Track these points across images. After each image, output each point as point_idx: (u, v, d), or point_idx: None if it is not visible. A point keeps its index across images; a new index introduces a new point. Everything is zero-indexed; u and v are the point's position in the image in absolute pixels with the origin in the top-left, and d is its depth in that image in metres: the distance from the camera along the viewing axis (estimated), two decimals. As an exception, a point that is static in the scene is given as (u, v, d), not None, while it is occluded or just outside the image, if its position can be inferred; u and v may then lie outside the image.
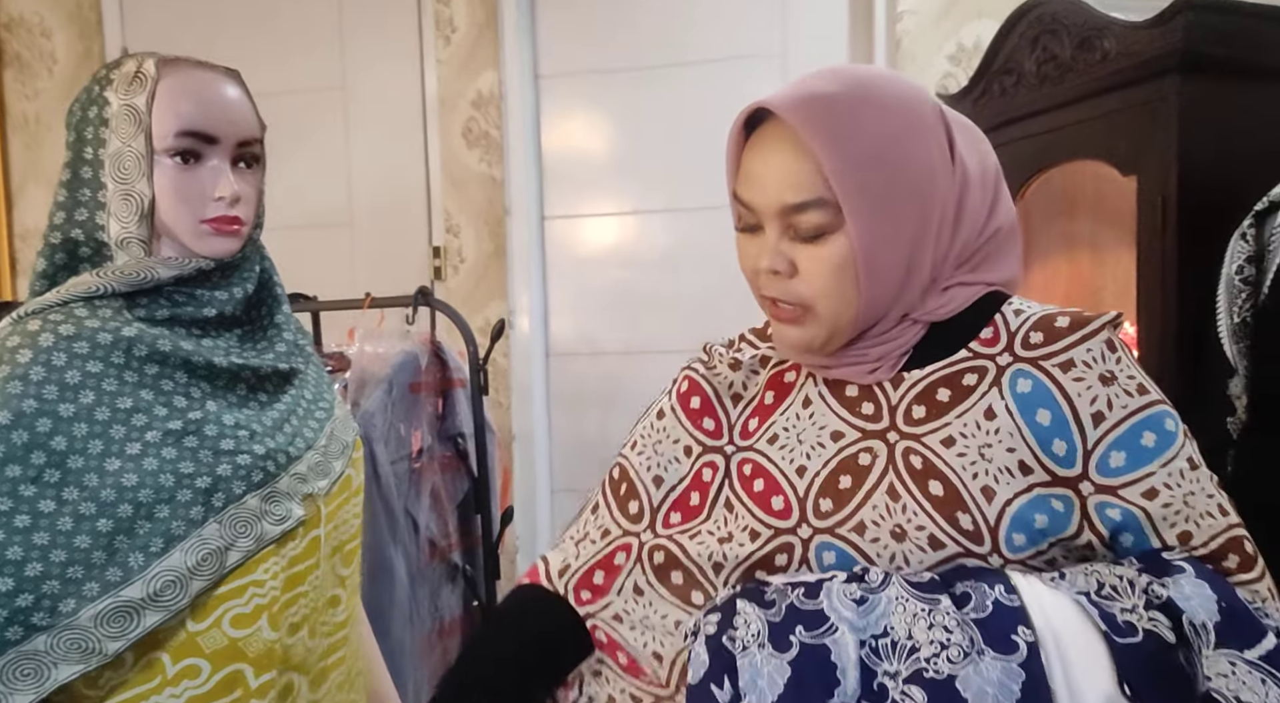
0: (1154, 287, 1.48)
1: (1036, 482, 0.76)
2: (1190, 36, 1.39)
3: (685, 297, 2.54)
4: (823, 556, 0.79)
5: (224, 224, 0.99)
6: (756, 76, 2.42)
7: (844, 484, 0.81)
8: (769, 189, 0.80)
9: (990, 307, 0.84)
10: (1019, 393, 0.78)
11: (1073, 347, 0.78)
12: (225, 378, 1.00)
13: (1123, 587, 0.70)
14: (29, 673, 0.83)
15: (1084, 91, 1.61)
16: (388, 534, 1.47)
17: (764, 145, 0.81)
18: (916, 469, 0.78)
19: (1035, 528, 0.75)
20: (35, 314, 0.92)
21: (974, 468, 0.77)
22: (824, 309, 0.80)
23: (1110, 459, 0.75)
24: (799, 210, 0.78)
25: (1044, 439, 0.76)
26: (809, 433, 0.85)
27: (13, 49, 2.81)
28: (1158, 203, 1.46)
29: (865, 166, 0.76)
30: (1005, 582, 0.71)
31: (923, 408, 0.81)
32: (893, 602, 0.71)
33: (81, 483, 0.88)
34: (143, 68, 0.97)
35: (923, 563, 0.76)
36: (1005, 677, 0.66)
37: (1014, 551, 0.75)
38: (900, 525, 0.77)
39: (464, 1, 2.52)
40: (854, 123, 0.77)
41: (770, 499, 0.84)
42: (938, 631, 0.69)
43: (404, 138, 2.62)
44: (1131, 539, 0.74)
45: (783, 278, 0.81)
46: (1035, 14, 1.70)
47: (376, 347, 1.58)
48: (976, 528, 0.75)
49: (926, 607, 0.70)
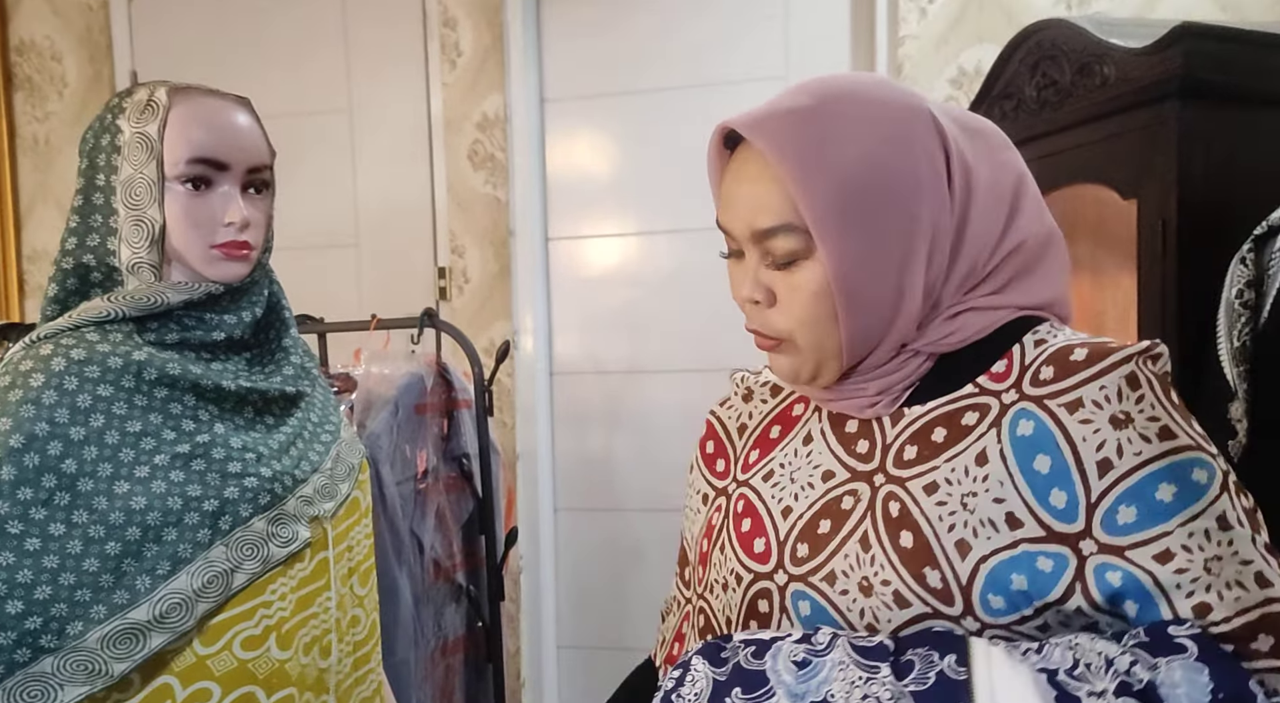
0: (1154, 310, 1.49)
1: (1025, 537, 0.67)
2: (1190, 63, 1.40)
3: (689, 317, 2.55)
4: (798, 605, 0.74)
5: (234, 249, 1.00)
6: (759, 99, 2.43)
7: (822, 529, 0.75)
8: (741, 214, 0.76)
9: (1013, 335, 0.75)
10: (1018, 436, 0.70)
11: (1084, 384, 0.68)
12: (233, 401, 1.01)
13: (1097, 666, 0.62)
14: (36, 694, 0.84)
15: (1084, 116, 1.62)
16: (393, 555, 1.48)
17: (737, 167, 0.77)
18: (891, 517, 0.72)
19: (1013, 590, 0.67)
20: (48, 338, 0.94)
21: (952, 518, 0.69)
22: (803, 340, 0.75)
23: (1118, 515, 0.65)
24: (768, 236, 0.74)
25: (1040, 489, 0.68)
26: (802, 472, 0.80)
27: (24, 72, 2.84)
28: (1158, 226, 1.47)
29: (835, 186, 0.70)
30: (959, 652, 0.64)
31: (915, 448, 0.74)
32: (835, 667, 0.66)
33: (91, 506, 0.89)
34: (155, 96, 0.99)
35: (890, 622, 0.69)
36: None
37: (992, 614, 0.67)
38: (867, 578, 0.71)
39: (470, 25, 2.54)
40: (822, 139, 0.71)
41: (753, 542, 0.79)
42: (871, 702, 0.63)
43: (410, 160, 2.64)
44: (1136, 608, 0.65)
45: (762, 308, 0.77)
46: (1035, 40, 1.72)
47: (382, 368, 1.59)
48: (946, 586, 0.68)
49: (865, 675, 0.65)
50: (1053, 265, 0.78)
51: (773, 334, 0.77)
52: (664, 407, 2.57)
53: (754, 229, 0.75)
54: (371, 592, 1.16)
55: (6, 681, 0.83)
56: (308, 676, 1.01)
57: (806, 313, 0.74)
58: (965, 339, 0.75)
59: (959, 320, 0.75)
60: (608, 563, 2.64)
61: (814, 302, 0.73)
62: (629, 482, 2.62)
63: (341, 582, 1.07)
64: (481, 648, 1.75)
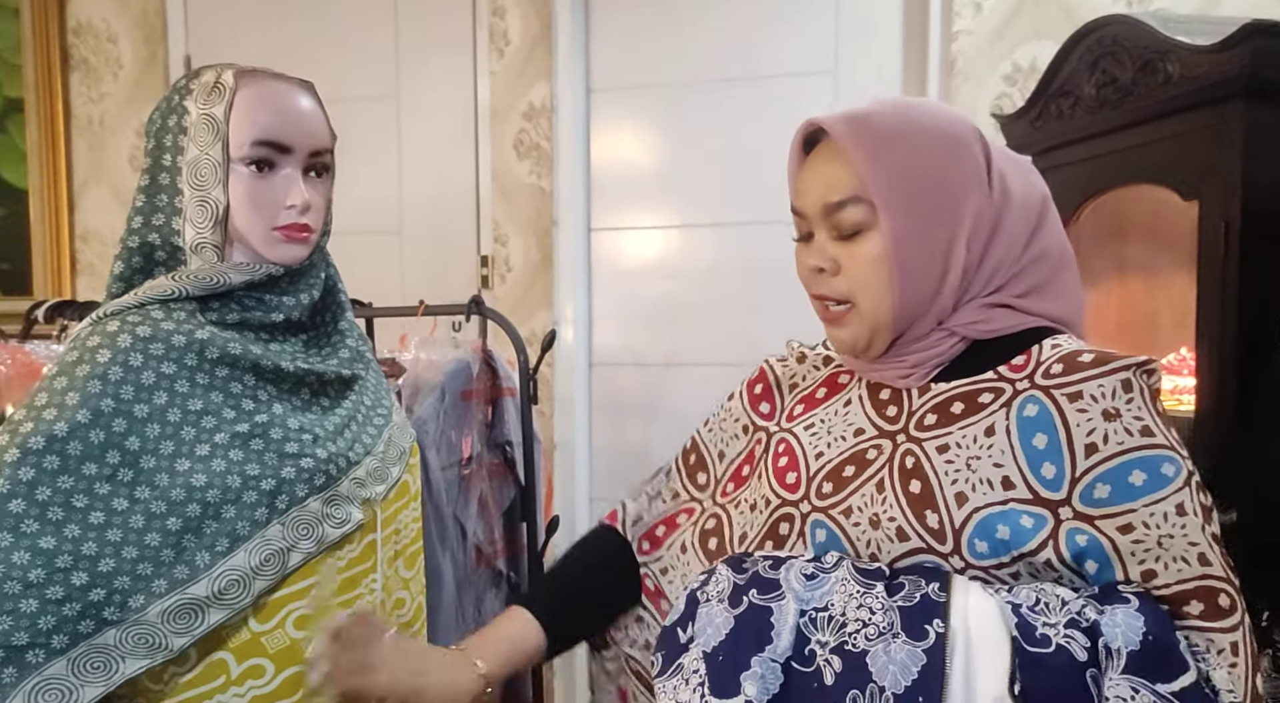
0: (1214, 312, 1.46)
1: (1015, 498, 0.80)
2: (1257, 61, 1.37)
3: (728, 310, 2.54)
4: (815, 532, 0.88)
5: (294, 231, 1.01)
6: (808, 93, 2.42)
7: (846, 473, 0.89)
8: (814, 193, 0.89)
9: (1035, 338, 0.88)
10: (1024, 416, 0.83)
11: (1086, 380, 0.82)
12: (291, 382, 1.02)
13: (1055, 604, 0.75)
14: (99, 666, 0.86)
15: (1145, 115, 1.59)
16: (437, 540, 1.49)
17: (814, 160, 0.91)
18: (906, 468, 0.85)
19: (997, 538, 0.79)
20: (114, 316, 0.95)
21: (955, 475, 0.83)
22: (864, 303, 0.87)
23: (1095, 490, 0.78)
24: (838, 208, 0.86)
25: (1035, 461, 0.81)
26: (838, 427, 0.94)
27: (80, 54, 2.88)
28: (1220, 228, 1.44)
29: (898, 168, 0.85)
30: (941, 581, 0.77)
31: (935, 417, 0.87)
32: (837, 582, 0.79)
33: (153, 482, 0.90)
34: (221, 78, 1.00)
35: (890, 553, 0.82)
36: (909, 659, 0.73)
37: (976, 556, 0.80)
38: (877, 514, 0.84)
39: (519, 15, 2.55)
40: (889, 135, 0.86)
41: (786, 474, 0.94)
42: (864, 611, 0.76)
43: (455, 147, 2.65)
44: (1096, 567, 0.78)
45: (827, 275, 0.89)
46: (1096, 36, 1.68)
47: (430, 354, 1.59)
48: (941, 528, 0.81)
49: (862, 590, 0.78)
50: (1069, 282, 0.92)
51: (836, 296, 0.89)
52: (701, 400, 2.54)
53: (826, 202, 0.87)
54: (418, 575, 1.17)
55: (71, 651, 0.84)
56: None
57: (868, 277, 0.86)
58: (994, 331, 0.88)
59: (993, 313, 0.88)
60: (642, 554, 2.64)
61: (873, 268, 0.86)
62: (666, 474, 2.61)
63: (388, 565, 1.08)
64: (520, 635, 1.76)
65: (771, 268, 2.49)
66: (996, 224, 0.87)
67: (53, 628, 0.83)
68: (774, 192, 2.46)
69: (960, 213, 0.85)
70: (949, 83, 2.21)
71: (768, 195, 2.47)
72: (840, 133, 0.86)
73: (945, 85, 2.23)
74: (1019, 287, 0.88)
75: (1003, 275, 0.88)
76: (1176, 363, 1.76)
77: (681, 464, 1.11)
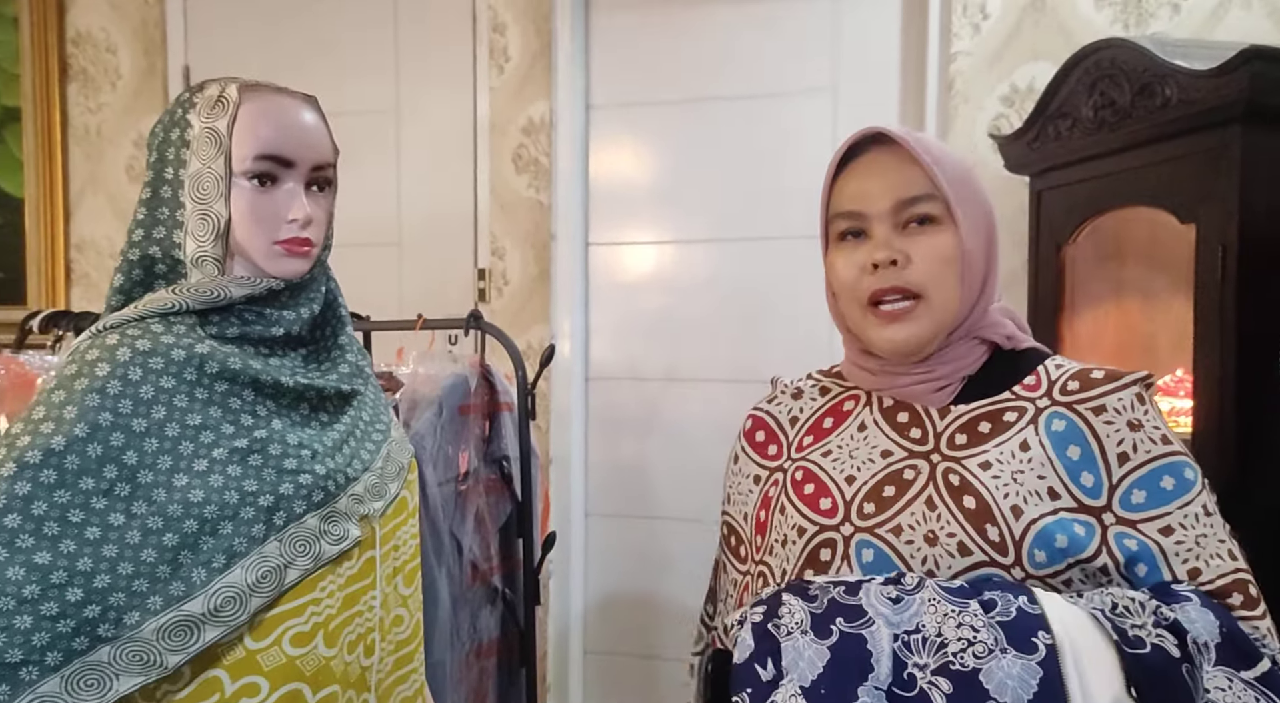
0: (1212, 335, 1.47)
1: (1063, 507, 0.85)
2: (1255, 86, 1.39)
3: (725, 325, 2.54)
4: (862, 552, 0.88)
5: (295, 246, 1.00)
6: (807, 112, 2.43)
7: (887, 493, 0.90)
8: (882, 192, 0.92)
9: (1036, 361, 0.95)
10: (1053, 431, 0.88)
11: (1106, 395, 0.88)
12: (290, 397, 1.01)
13: (1134, 607, 0.78)
14: (93, 683, 0.85)
15: (1143, 138, 1.60)
16: (433, 555, 1.48)
17: (868, 165, 0.95)
18: (954, 485, 0.88)
19: (1056, 547, 0.83)
20: (114, 329, 0.94)
21: (1006, 489, 0.86)
22: (935, 296, 0.91)
23: (1132, 496, 0.84)
24: (913, 203, 0.91)
25: (1073, 471, 0.86)
26: (861, 451, 0.95)
27: (79, 63, 2.88)
28: (1218, 252, 1.45)
29: (954, 176, 0.92)
30: (1029, 594, 0.79)
31: (965, 436, 0.91)
32: (925, 603, 0.79)
33: (150, 497, 0.89)
34: (225, 92, 0.99)
35: (951, 568, 0.84)
36: (1025, 673, 0.73)
37: (1035, 566, 0.83)
38: (934, 531, 0.86)
39: (519, 31, 2.55)
40: (940, 153, 0.93)
41: (819, 500, 0.94)
42: (965, 629, 0.76)
43: (454, 161, 2.65)
44: (1145, 570, 0.83)
45: (896, 269, 0.91)
46: (1094, 59, 1.70)
47: (428, 368, 1.59)
48: (1003, 540, 0.84)
49: (956, 608, 0.78)
50: None
51: (909, 287, 0.91)
52: (697, 415, 2.57)
53: (902, 197, 0.92)
54: (416, 592, 1.16)
55: (64, 669, 0.83)
56: (351, 673, 1.01)
57: (941, 270, 0.91)
58: (1011, 337, 0.94)
59: (1005, 321, 0.95)
60: (636, 570, 2.63)
61: (946, 263, 0.91)
62: (660, 489, 2.61)
63: (386, 581, 1.08)
64: (515, 652, 1.75)
65: (768, 283, 2.50)
66: (995, 236, 0.95)
67: (47, 645, 0.82)
68: (771, 208, 2.48)
69: (991, 221, 0.94)
70: (947, 103, 2.22)
71: (765, 212, 2.48)
72: (906, 139, 0.92)
73: (943, 105, 2.24)
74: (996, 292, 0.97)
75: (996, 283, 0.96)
76: (1173, 384, 1.76)
77: (728, 553, 1.09)
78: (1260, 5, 2.02)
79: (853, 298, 0.94)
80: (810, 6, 2.42)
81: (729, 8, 2.48)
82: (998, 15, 2.18)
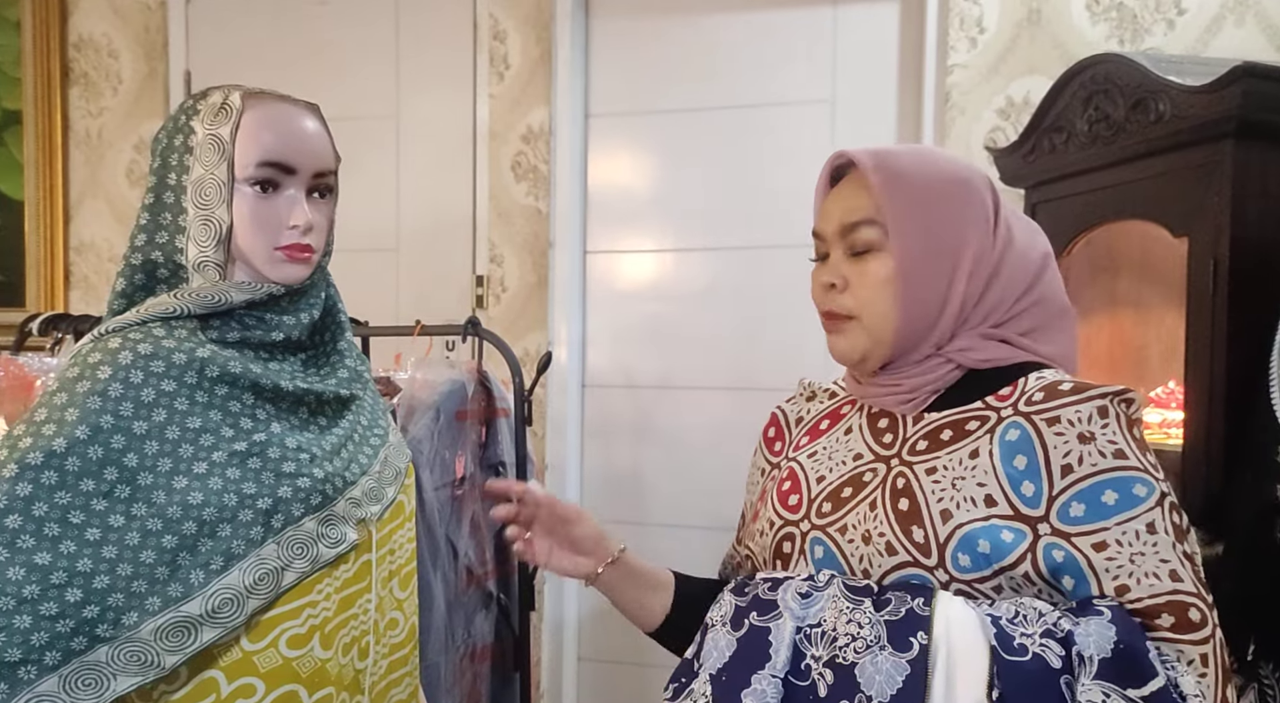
0: (1203, 349, 1.48)
1: (997, 514, 0.86)
2: (1247, 102, 1.40)
3: (721, 334, 2.55)
4: (814, 549, 0.94)
5: (296, 252, 1.01)
6: (805, 123, 2.45)
7: (845, 494, 0.95)
8: (833, 216, 0.97)
9: (1023, 371, 0.94)
10: (1006, 440, 0.89)
11: (1063, 406, 0.87)
12: (289, 401, 1.02)
13: (1032, 616, 0.80)
14: (90, 683, 0.85)
15: (1136, 152, 1.61)
16: (428, 560, 1.48)
17: (839, 188, 0.99)
18: (897, 489, 0.91)
19: (979, 551, 0.84)
20: (116, 332, 0.95)
21: (941, 494, 0.88)
22: (866, 319, 0.94)
23: (1071, 508, 0.84)
24: (854, 229, 0.94)
25: (1015, 480, 0.86)
26: (839, 453, 1.00)
27: (80, 68, 2.90)
28: (1209, 265, 1.46)
29: (911, 201, 0.92)
30: (926, 596, 0.82)
31: (926, 443, 0.93)
32: (829, 600, 0.84)
33: (150, 499, 0.90)
34: (229, 99, 1.00)
35: (880, 567, 0.88)
36: (894, 669, 0.78)
37: (960, 570, 0.85)
38: (869, 531, 0.90)
39: (519, 39, 2.57)
40: (907, 169, 0.93)
41: (789, 497, 1.00)
42: (853, 625, 0.81)
43: (453, 168, 2.67)
44: (1073, 583, 0.83)
45: (836, 291, 0.95)
46: (1089, 73, 1.71)
47: (426, 374, 1.60)
48: (927, 542, 0.87)
49: (851, 605, 0.83)
50: (1067, 331, 0.99)
51: (842, 312, 0.95)
52: (693, 423, 2.57)
53: (844, 223, 0.95)
54: (411, 596, 1.17)
55: (63, 668, 0.84)
56: (345, 676, 1.02)
57: (874, 294, 0.93)
58: (986, 360, 0.94)
59: (988, 344, 0.94)
60: (631, 578, 2.63)
61: (881, 287, 0.93)
62: (656, 497, 2.62)
63: (382, 585, 1.08)
64: (509, 657, 1.75)
65: (765, 292, 2.51)
66: (998, 265, 0.93)
67: (45, 644, 0.83)
68: (768, 217, 2.49)
69: (963, 248, 0.92)
70: (944, 115, 2.24)
71: (761, 221, 2.49)
72: (863, 160, 0.94)
73: (940, 117, 2.26)
74: (1018, 326, 0.95)
75: (1001, 313, 0.94)
76: (1165, 396, 1.77)
77: (740, 530, 1.15)
78: (1253, 22, 2.04)
79: (820, 312, 0.99)
80: (809, 17, 2.44)
81: (729, 18, 2.50)
82: (994, 29, 2.20)
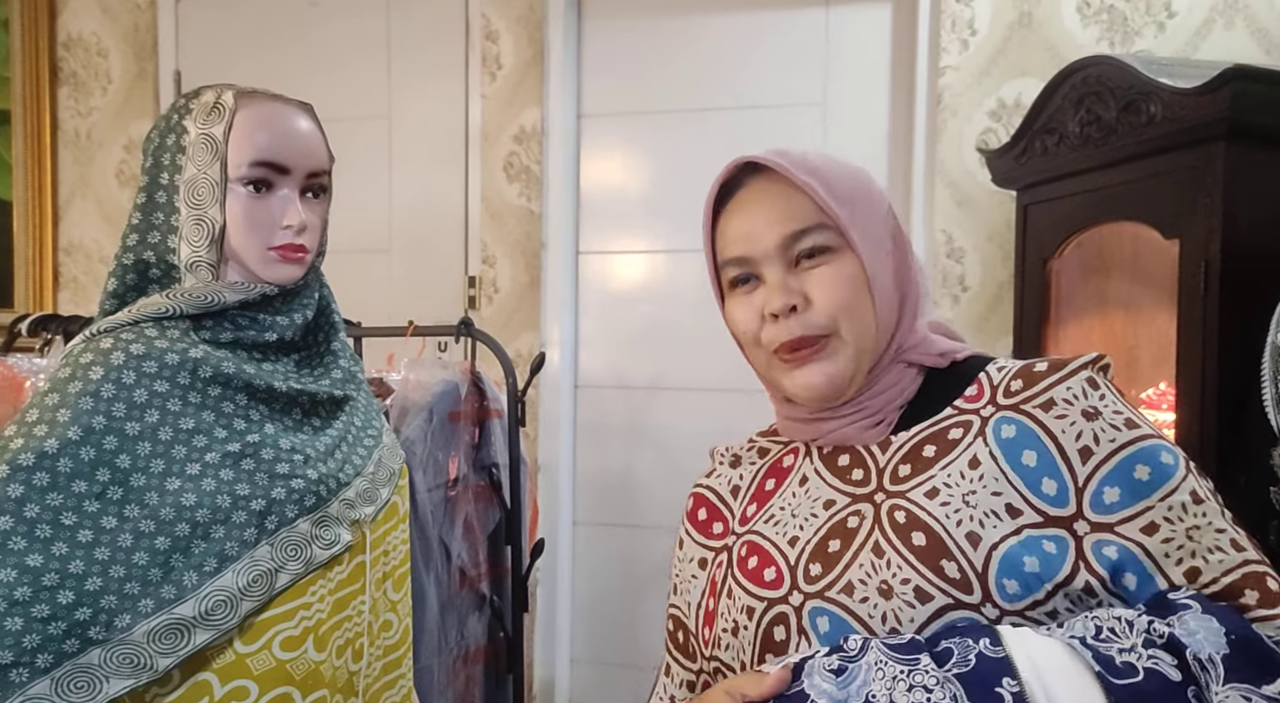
0: (1194, 351, 1.49)
1: (1026, 523, 0.74)
2: (1238, 105, 1.41)
3: (714, 336, 2.51)
4: (817, 621, 0.77)
5: (290, 252, 1.01)
6: (796, 124, 2.45)
7: (832, 548, 0.79)
8: (765, 231, 0.83)
9: (976, 369, 0.85)
10: (1003, 438, 0.78)
11: (1052, 386, 0.78)
12: (283, 402, 1.02)
13: (1121, 628, 0.68)
14: (82, 686, 0.85)
15: (1127, 154, 1.62)
16: (421, 561, 1.48)
17: (748, 199, 0.85)
18: (900, 523, 0.77)
19: (1027, 572, 0.72)
20: (108, 332, 0.95)
21: (958, 515, 0.75)
22: (847, 329, 0.81)
23: (1104, 495, 0.73)
24: (801, 236, 0.82)
25: (1032, 480, 0.75)
26: (803, 507, 0.85)
27: (69, 67, 2.88)
28: (1200, 267, 1.47)
29: (845, 198, 0.82)
30: (991, 635, 0.68)
31: (908, 466, 0.81)
32: (872, 668, 0.69)
33: (142, 501, 0.90)
34: (221, 99, 1.00)
35: (914, 620, 0.73)
36: None
37: (1008, 599, 0.72)
38: (886, 581, 0.75)
39: (512, 39, 2.57)
40: (823, 166, 0.83)
41: (763, 572, 0.83)
42: (918, 692, 0.66)
43: (446, 169, 2.66)
44: (1135, 580, 0.72)
45: (797, 314, 0.81)
46: (1081, 76, 1.72)
47: (419, 375, 1.60)
48: (964, 575, 0.73)
49: (906, 668, 0.68)
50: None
51: (817, 331, 0.81)
52: (686, 424, 2.57)
53: (787, 233, 0.82)
54: (405, 598, 1.16)
55: (55, 671, 0.83)
56: (339, 678, 1.02)
57: (848, 300, 0.81)
58: (943, 352, 0.85)
59: (934, 337, 0.86)
60: (624, 578, 2.63)
61: (851, 288, 0.81)
62: (648, 498, 2.62)
63: (376, 586, 1.08)
64: (502, 659, 1.75)
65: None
66: (907, 254, 0.87)
67: (37, 647, 0.82)
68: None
69: (898, 237, 0.86)
70: (935, 116, 2.25)
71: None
72: (783, 163, 0.82)
73: (932, 119, 2.26)
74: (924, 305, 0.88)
75: (923, 303, 0.88)
76: (1156, 398, 1.78)
77: (673, 649, 0.96)
78: (1243, 25, 2.05)
79: (758, 347, 0.85)
80: (801, 19, 2.45)
81: (721, 19, 2.50)
82: (986, 31, 2.20)
